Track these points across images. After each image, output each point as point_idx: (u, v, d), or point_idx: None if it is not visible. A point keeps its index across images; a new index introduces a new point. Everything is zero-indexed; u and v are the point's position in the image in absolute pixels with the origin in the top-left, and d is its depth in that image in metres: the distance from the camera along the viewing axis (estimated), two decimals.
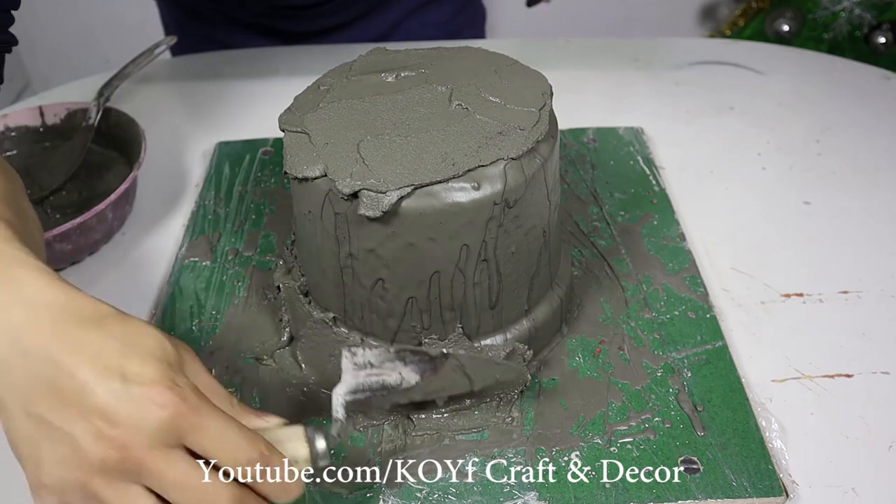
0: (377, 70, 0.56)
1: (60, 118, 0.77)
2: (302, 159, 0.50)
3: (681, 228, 0.69)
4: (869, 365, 0.58)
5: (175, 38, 0.84)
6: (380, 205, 0.47)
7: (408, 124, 0.51)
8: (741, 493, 0.49)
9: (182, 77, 0.93)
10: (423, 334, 0.53)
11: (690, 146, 0.80)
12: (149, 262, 0.69)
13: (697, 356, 0.58)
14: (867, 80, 0.90)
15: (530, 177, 0.49)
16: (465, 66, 0.56)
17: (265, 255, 0.68)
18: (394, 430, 0.54)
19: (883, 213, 0.70)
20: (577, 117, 0.82)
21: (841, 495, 0.50)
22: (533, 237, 0.52)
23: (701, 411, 0.54)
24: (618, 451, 0.52)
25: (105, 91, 0.76)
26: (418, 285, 0.51)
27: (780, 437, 0.53)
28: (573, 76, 0.89)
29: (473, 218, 0.48)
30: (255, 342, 0.60)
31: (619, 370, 0.57)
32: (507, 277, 0.52)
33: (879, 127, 0.82)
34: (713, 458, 0.51)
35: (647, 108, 0.86)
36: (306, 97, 0.55)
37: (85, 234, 0.66)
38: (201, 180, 0.77)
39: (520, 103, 0.52)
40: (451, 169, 0.48)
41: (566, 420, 0.54)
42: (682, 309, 0.61)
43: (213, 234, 0.70)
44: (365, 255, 0.50)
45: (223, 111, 0.88)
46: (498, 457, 0.52)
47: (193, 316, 0.62)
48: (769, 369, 0.58)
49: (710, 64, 0.93)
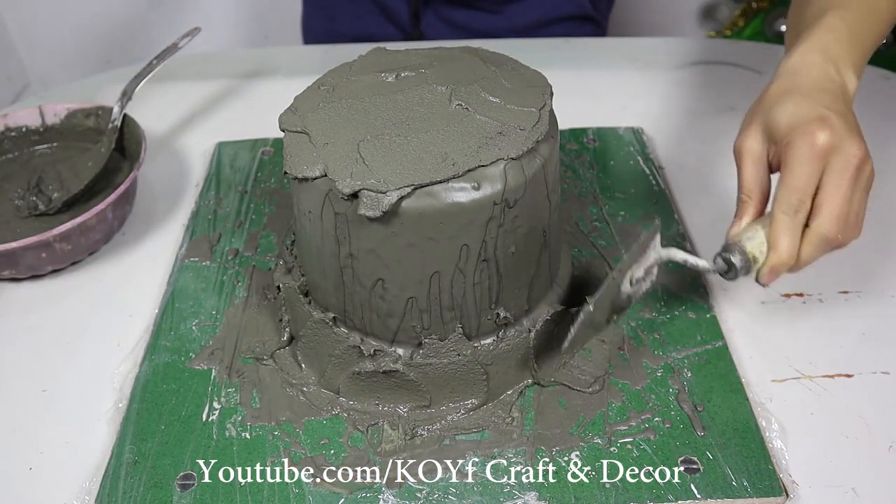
0: (377, 70, 0.56)
1: (60, 118, 0.77)
2: (302, 159, 0.50)
3: (681, 228, 0.69)
4: (869, 365, 0.58)
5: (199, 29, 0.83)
6: (380, 205, 0.47)
7: (408, 124, 0.51)
8: (741, 493, 0.49)
9: (182, 77, 0.93)
10: (423, 334, 0.53)
11: (690, 146, 0.80)
12: (149, 262, 0.69)
13: (697, 356, 0.58)
14: (867, 80, 0.89)
15: (530, 177, 0.49)
16: (465, 66, 0.56)
17: (265, 255, 0.68)
18: (394, 430, 0.54)
19: (883, 214, 0.70)
20: (577, 117, 0.82)
21: (841, 495, 0.50)
22: (533, 237, 0.52)
23: (701, 411, 0.54)
24: (618, 451, 0.52)
25: (128, 91, 0.75)
26: (418, 285, 0.51)
27: (780, 437, 0.53)
28: (573, 76, 0.89)
29: (473, 218, 0.48)
30: (255, 342, 0.60)
31: (619, 370, 0.57)
32: (507, 277, 0.52)
33: (879, 127, 0.82)
34: (713, 458, 0.51)
35: (647, 108, 0.86)
36: (306, 97, 0.55)
37: (85, 234, 0.66)
38: (201, 180, 0.77)
39: (520, 103, 0.52)
40: (451, 169, 0.48)
41: (566, 420, 0.54)
42: (682, 309, 0.61)
43: (213, 234, 0.70)
44: (365, 255, 0.50)
45: (223, 111, 0.88)
46: (498, 457, 0.52)
47: (193, 316, 0.62)
48: (769, 369, 0.58)
49: (710, 64, 0.93)
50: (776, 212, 0.51)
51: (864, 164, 0.51)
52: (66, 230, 0.63)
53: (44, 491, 0.52)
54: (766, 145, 0.54)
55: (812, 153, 0.50)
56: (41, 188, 0.72)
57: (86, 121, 0.76)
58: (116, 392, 0.58)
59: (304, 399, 0.56)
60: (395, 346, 0.54)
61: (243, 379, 0.58)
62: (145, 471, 0.52)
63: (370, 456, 0.52)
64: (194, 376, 0.58)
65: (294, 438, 0.53)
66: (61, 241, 0.64)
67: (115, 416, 0.56)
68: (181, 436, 0.54)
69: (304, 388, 0.57)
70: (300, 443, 0.53)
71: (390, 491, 0.50)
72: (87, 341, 0.62)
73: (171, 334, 0.61)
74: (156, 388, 0.57)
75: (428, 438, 0.53)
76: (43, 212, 0.70)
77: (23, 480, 0.53)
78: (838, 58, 0.55)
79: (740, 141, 0.55)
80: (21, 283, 0.67)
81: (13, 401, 0.58)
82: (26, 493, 0.52)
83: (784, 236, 0.50)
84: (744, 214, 0.54)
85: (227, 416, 0.55)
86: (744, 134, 0.55)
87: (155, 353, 0.59)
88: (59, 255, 0.65)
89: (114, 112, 0.74)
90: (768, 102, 0.54)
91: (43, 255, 0.64)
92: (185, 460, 0.52)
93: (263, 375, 0.58)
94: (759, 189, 0.54)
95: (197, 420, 0.55)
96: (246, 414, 0.55)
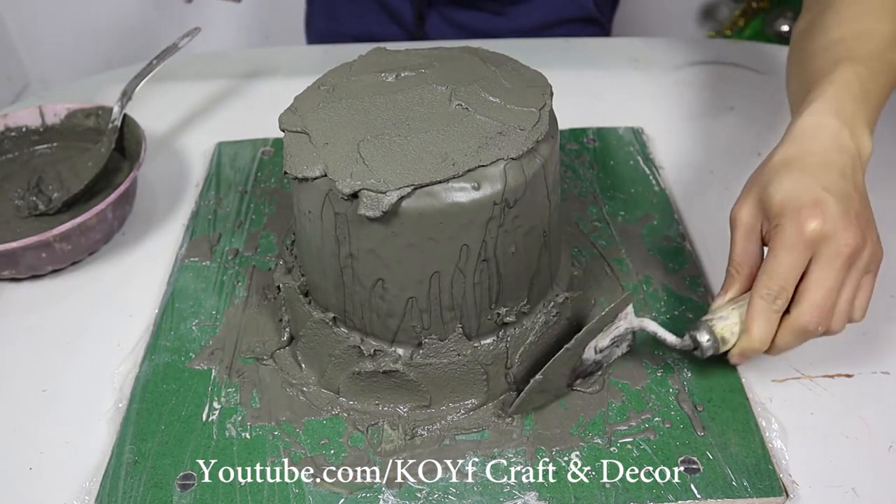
0: (377, 70, 0.56)
1: (60, 118, 0.77)
2: (302, 159, 0.50)
3: (681, 228, 0.69)
4: (869, 365, 0.58)
5: (199, 29, 0.83)
6: (380, 205, 0.47)
7: (408, 124, 0.51)
8: (741, 493, 0.49)
9: (182, 77, 0.93)
10: (423, 334, 0.53)
11: (690, 146, 0.80)
12: (149, 262, 0.69)
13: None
14: None
15: (530, 177, 0.49)
16: (465, 66, 0.56)
17: (265, 255, 0.68)
18: (394, 430, 0.54)
19: (883, 214, 0.70)
20: (577, 117, 0.82)
21: (841, 495, 0.50)
22: (533, 237, 0.52)
23: (701, 411, 0.54)
24: (618, 451, 0.52)
25: (128, 91, 0.75)
26: (418, 285, 0.51)
27: (780, 437, 0.53)
28: (573, 76, 0.89)
29: (473, 218, 0.48)
30: (255, 342, 0.60)
31: (619, 370, 0.57)
32: (507, 277, 0.52)
33: (879, 127, 0.82)
34: (713, 458, 0.51)
35: (647, 108, 0.86)
36: (306, 97, 0.55)
37: (85, 234, 0.66)
38: (201, 180, 0.77)
39: (520, 103, 0.52)
40: (451, 169, 0.48)
41: (566, 420, 0.54)
42: (682, 309, 0.61)
43: (213, 234, 0.70)
44: (365, 255, 0.50)
45: (223, 111, 0.88)
46: (498, 457, 0.52)
47: (193, 316, 0.62)
48: (769, 369, 0.58)
49: (710, 64, 0.93)
50: (754, 296, 0.50)
51: (858, 253, 0.49)
52: (66, 230, 0.63)
53: (44, 491, 0.52)
54: (759, 219, 0.52)
55: (799, 240, 0.48)
56: (41, 188, 0.72)
57: (86, 121, 0.76)
58: (116, 392, 0.58)
59: (304, 399, 0.56)
60: (395, 346, 0.54)
61: (243, 379, 0.58)
62: (145, 471, 0.52)
63: (370, 456, 0.52)
64: (194, 376, 0.58)
65: (294, 438, 0.53)
66: (61, 241, 0.64)
67: (115, 416, 0.56)
68: (181, 436, 0.54)
69: (304, 388, 0.57)
70: (300, 443, 0.53)
71: (390, 491, 0.50)
72: (87, 341, 0.62)
73: (171, 334, 0.61)
74: (156, 388, 0.57)
75: (428, 438, 0.53)
76: (43, 212, 0.70)
77: (23, 480, 0.53)
78: (854, 119, 0.53)
79: (735, 210, 0.53)
80: (21, 283, 0.67)
81: (13, 401, 0.58)
82: (26, 493, 0.52)
83: (758, 322, 0.50)
84: (729, 289, 0.53)
85: (227, 416, 0.55)
86: (740, 203, 0.53)
87: (155, 353, 0.59)
88: (59, 255, 0.65)
89: (114, 112, 0.74)
90: (769, 173, 0.52)
91: (43, 255, 0.64)
92: (185, 460, 0.52)
93: (263, 375, 0.58)
94: (748, 264, 0.52)
95: (197, 420, 0.55)
96: (246, 414, 0.55)
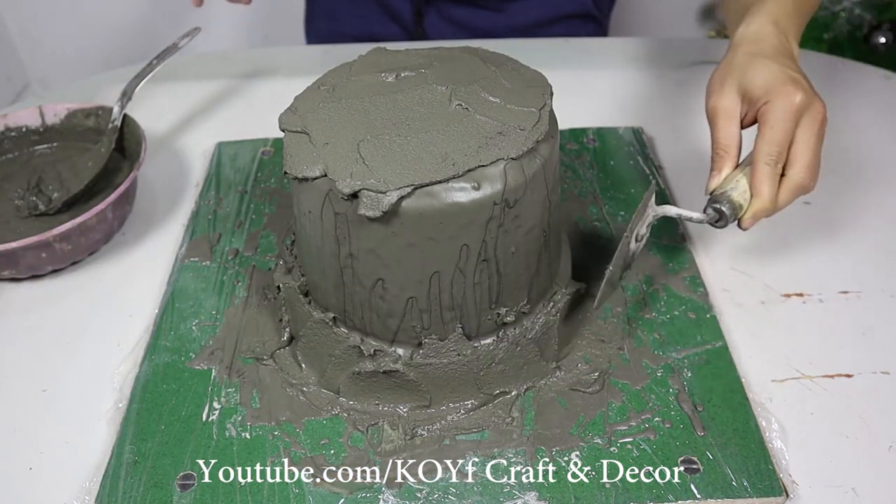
0: (377, 70, 0.56)
1: (60, 118, 0.77)
2: (302, 159, 0.50)
3: (681, 228, 0.69)
4: (869, 365, 0.58)
5: (199, 29, 0.83)
6: (380, 205, 0.47)
7: (408, 124, 0.51)
8: (741, 493, 0.49)
9: (182, 77, 0.93)
10: (423, 334, 0.53)
11: (690, 146, 0.80)
12: (149, 262, 0.69)
13: (697, 356, 0.58)
14: (867, 80, 0.90)
15: (530, 177, 0.49)
16: (465, 66, 0.56)
17: (265, 255, 0.68)
18: (394, 430, 0.54)
19: (883, 213, 0.70)
20: (577, 117, 0.82)
21: (841, 495, 0.50)
22: (533, 237, 0.52)
23: (701, 411, 0.54)
24: (618, 451, 0.52)
25: (128, 91, 0.75)
26: (418, 285, 0.51)
27: (780, 437, 0.53)
28: (573, 76, 0.89)
29: (473, 218, 0.48)
30: (255, 342, 0.60)
31: (619, 370, 0.57)
32: (507, 277, 0.52)
33: (879, 127, 0.82)
34: (713, 458, 0.51)
35: (647, 108, 0.86)
36: (306, 97, 0.55)
37: (85, 234, 0.66)
38: (201, 180, 0.77)
39: (520, 103, 0.52)
40: (451, 169, 0.48)
41: (566, 420, 0.54)
42: (682, 309, 0.61)
43: (213, 234, 0.70)
44: (365, 255, 0.50)
45: (223, 111, 0.88)
46: (498, 457, 0.52)
47: (193, 316, 0.62)
48: (769, 369, 0.58)
49: (711, 64, 0.92)
50: (758, 163, 0.56)
51: (825, 119, 0.58)
52: (66, 230, 0.63)
53: (44, 491, 0.52)
54: (738, 104, 0.59)
55: (790, 110, 0.56)
56: (41, 188, 0.72)
57: (86, 121, 0.76)
58: (116, 392, 0.58)
59: (304, 399, 0.56)
60: (395, 346, 0.54)
61: (243, 379, 0.58)
62: (145, 471, 0.52)
63: (370, 456, 0.52)
64: (194, 376, 0.58)
65: (294, 438, 0.53)
66: (61, 241, 0.64)
67: (115, 416, 0.56)
68: (181, 436, 0.54)
69: (304, 388, 0.57)
70: (300, 443, 0.53)
71: (390, 491, 0.50)
72: (87, 341, 0.62)
73: (171, 334, 0.61)
74: (156, 388, 0.57)
75: (428, 438, 0.53)
76: (43, 212, 0.70)
77: (23, 480, 0.53)
78: (787, 29, 0.62)
79: (715, 100, 0.59)
80: (21, 283, 0.67)
81: (13, 401, 0.58)
82: (26, 493, 0.52)
83: (766, 184, 0.56)
84: (723, 167, 0.58)
85: (227, 416, 0.55)
86: (718, 94, 0.59)
87: (155, 353, 0.59)
88: (59, 255, 0.65)
89: (114, 112, 0.74)
90: (739, 67, 0.59)
91: (43, 255, 0.64)
92: (185, 460, 0.52)
93: (263, 375, 0.58)
94: (735, 144, 0.58)
95: (197, 420, 0.55)
96: (246, 414, 0.55)
